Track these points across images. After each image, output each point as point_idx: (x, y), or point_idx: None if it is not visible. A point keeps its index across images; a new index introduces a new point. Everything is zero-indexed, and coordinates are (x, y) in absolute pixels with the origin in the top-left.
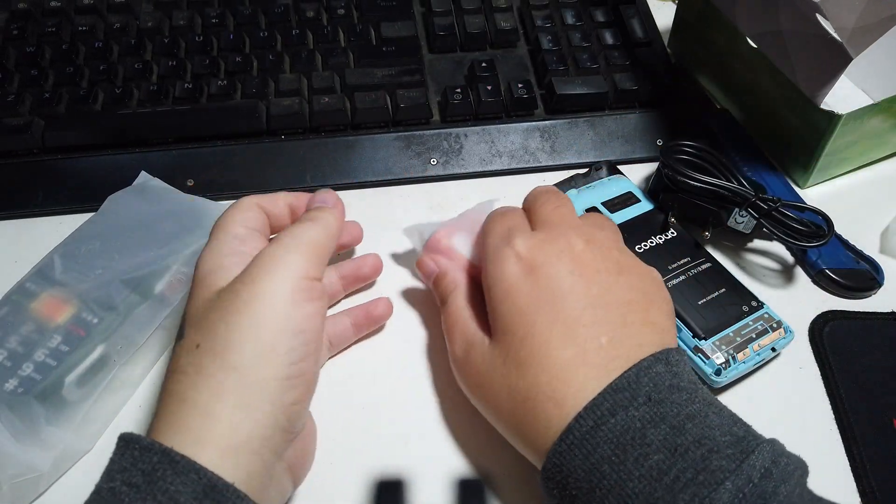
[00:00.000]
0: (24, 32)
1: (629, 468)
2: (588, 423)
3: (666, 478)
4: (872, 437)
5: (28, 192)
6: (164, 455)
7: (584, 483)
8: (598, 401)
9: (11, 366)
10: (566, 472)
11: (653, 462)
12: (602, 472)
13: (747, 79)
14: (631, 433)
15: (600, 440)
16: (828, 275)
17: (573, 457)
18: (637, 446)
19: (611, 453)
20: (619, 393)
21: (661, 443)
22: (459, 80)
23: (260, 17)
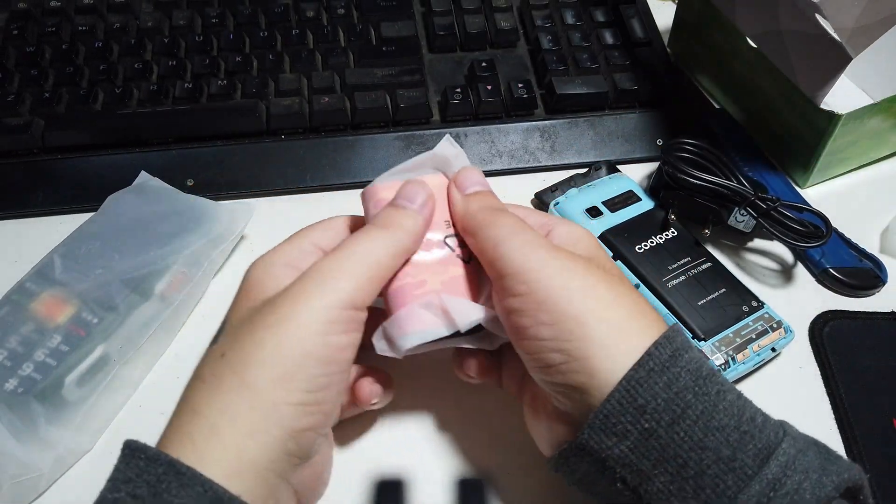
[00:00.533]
0: (24, 32)
1: (713, 400)
2: (667, 351)
3: (745, 414)
4: (872, 437)
5: (28, 192)
6: (170, 466)
7: (665, 414)
8: (671, 334)
9: (11, 365)
10: (643, 402)
11: (731, 398)
12: (687, 401)
13: (747, 79)
14: (706, 369)
15: (681, 370)
16: (831, 273)
17: (653, 384)
18: (714, 382)
19: (693, 384)
20: (681, 335)
21: (730, 385)
22: (459, 79)
23: (260, 16)
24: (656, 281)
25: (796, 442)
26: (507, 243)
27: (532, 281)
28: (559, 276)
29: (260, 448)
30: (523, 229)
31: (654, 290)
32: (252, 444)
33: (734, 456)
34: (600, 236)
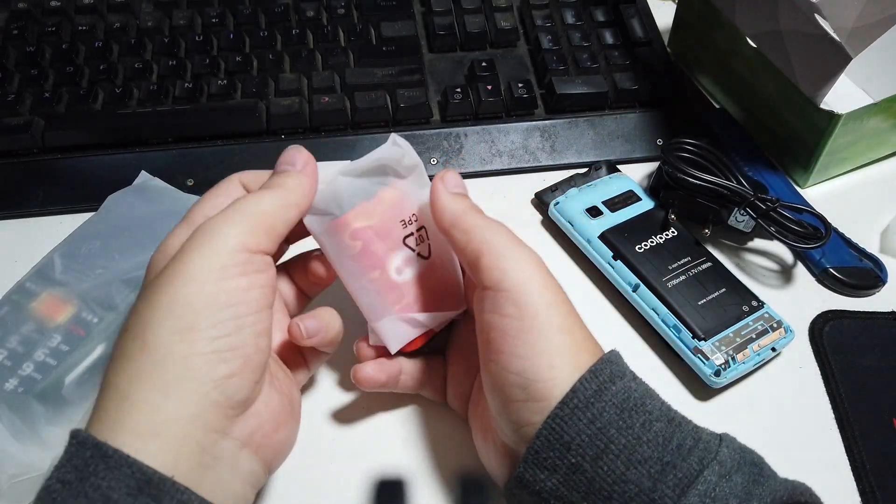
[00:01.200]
0: (24, 32)
1: (637, 433)
2: (592, 386)
3: (670, 444)
4: (873, 437)
5: (28, 192)
6: (97, 449)
7: (589, 449)
8: (599, 367)
9: (11, 365)
10: (568, 439)
11: (657, 428)
12: (609, 436)
13: (747, 79)
14: (633, 400)
15: (606, 404)
16: (831, 273)
17: (577, 420)
18: (641, 413)
19: (617, 418)
20: (613, 364)
21: (659, 412)
22: (459, 79)
23: (260, 16)
24: (656, 281)
25: (722, 467)
26: (510, 258)
27: (524, 305)
28: (548, 309)
29: (176, 403)
30: (520, 244)
31: (655, 289)
32: (166, 401)
33: (655, 487)
34: (600, 236)
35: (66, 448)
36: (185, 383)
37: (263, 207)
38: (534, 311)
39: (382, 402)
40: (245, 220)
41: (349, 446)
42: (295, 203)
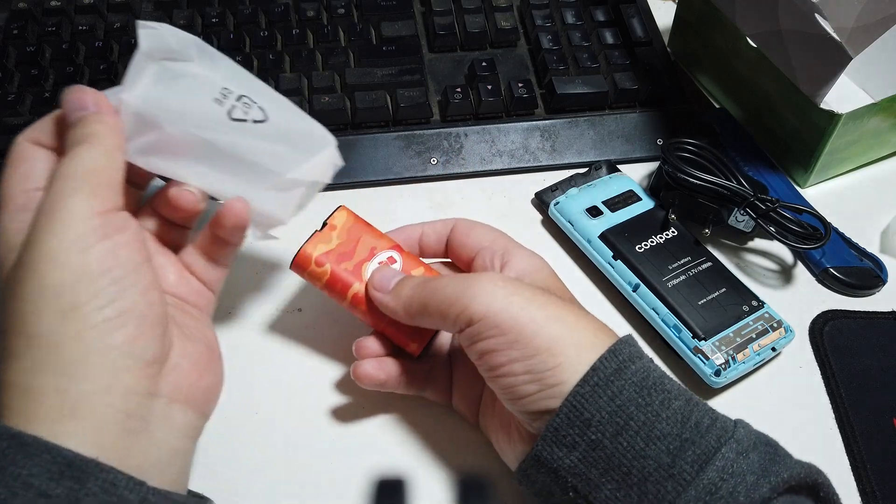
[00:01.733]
0: (24, 32)
1: (656, 409)
2: (612, 364)
3: (689, 421)
4: (873, 437)
5: None
6: (14, 439)
7: (609, 426)
8: (618, 347)
9: None
10: (588, 416)
11: (676, 406)
12: (629, 413)
13: (747, 78)
14: (652, 379)
15: (626, 382)
16: (832, 273)
17: (598, 398)
18: (660, 391)
19: (636, 395)
20: (631, 346)
21: (678, 391)
22: (459, 79)
23: (260, 16)
24: (656, 280)
25: (739, 444)
26: (469, 291)
27: (500, 323)
28: (524, 310)
29: (84, 381)
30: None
31: (655, 289)
32: (72, 382)
33: (674, 463)
34: (600, 236)
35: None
36: (88, 359)
37: (92, 165)
38: (512, 323)
39: (383, 403)
40: (83, 185)
41: (349, 446)
42: (116, 146)
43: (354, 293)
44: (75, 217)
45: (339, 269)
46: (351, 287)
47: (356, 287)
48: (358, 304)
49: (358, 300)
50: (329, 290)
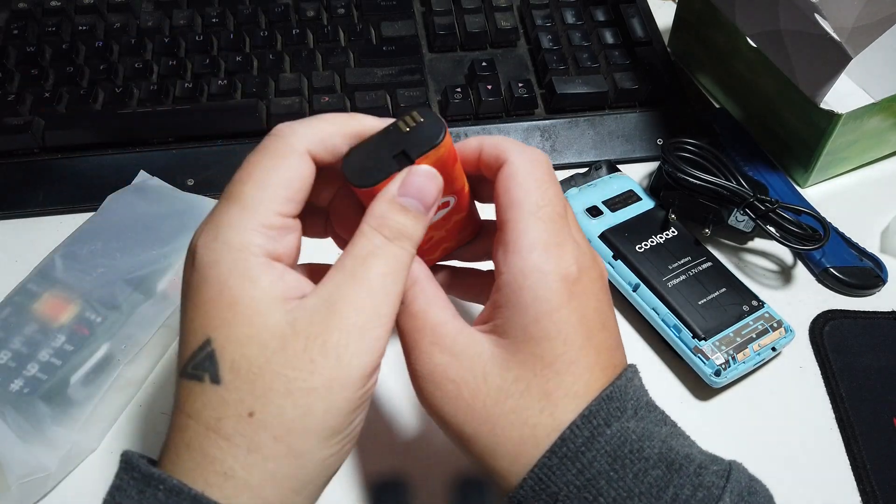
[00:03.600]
0: (24, 32)
1: (629, 485)
2: (584, 433)
3: (665, 495)
4: (873, 437)
5: (28, 192)
6: (195, 501)
7: (576, 501)
8: (594, 408)
9: (16, 366)
10: (555, 490)
11: (651, 478)
12: (599, 488)
13: (747, 78)
14: (628, 445)
15: (597, 453)
16: (832, 273)
17: (565, 471)
18: (636, 461)
19: (608, 468)
20: (611, 402)
21: (657, 457)
22: (460, 79)
23: (260, 16)
24: (656, 280)
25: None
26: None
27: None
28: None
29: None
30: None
31: (655, 289)
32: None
33: None
34: (600, 236)
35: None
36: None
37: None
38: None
39: (383, 403)
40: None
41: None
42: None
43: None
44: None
45: None
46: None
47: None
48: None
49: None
50: None
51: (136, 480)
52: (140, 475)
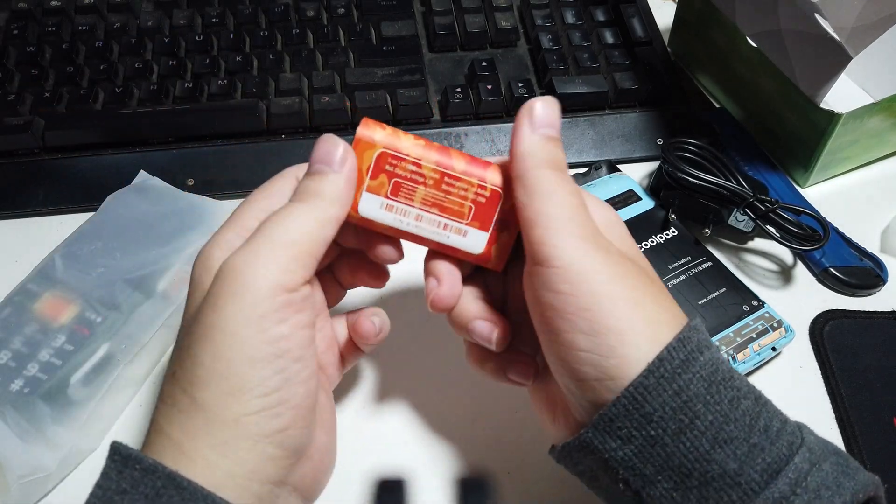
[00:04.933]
0: (24, 32)
1: (725, 410)
2: (680, 355)
3: (758, 424)
4: (873, 436)
5: (28, 192)
6: (169, 479)
7: (671, 422)
8: (687, 335)
9: (16, 366)
10: (650, 410)
11: (745, 406)
12: (696, 411)
13: (747, 78)
14: (721, 373)
15: (693, 375)
16: (832, 273)
17: (662, 391)
18: (729, 388)
19: (704, 391)
20: (699, 333)
21: (747, 388)
22: (460, 79)
23: (260, 16)
24: None
25: (812, 454)
26: (562, 233)
27: (579, 282)
28: (608, 283)
29: (233, 462)
30: (579, 215)
31: None
32: (223, 460)
33: (741, 470)
34: None
35: (123, 471)
36: (240, 442)
37: (296, 235)
38: (591, 288)
39: (383, 403)
40: (277, 254)
41: (349, 446)
42: (334, 217)
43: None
44: (260, 292)
45: None
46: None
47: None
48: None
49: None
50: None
51: (115, 463)
52: (120, 457)
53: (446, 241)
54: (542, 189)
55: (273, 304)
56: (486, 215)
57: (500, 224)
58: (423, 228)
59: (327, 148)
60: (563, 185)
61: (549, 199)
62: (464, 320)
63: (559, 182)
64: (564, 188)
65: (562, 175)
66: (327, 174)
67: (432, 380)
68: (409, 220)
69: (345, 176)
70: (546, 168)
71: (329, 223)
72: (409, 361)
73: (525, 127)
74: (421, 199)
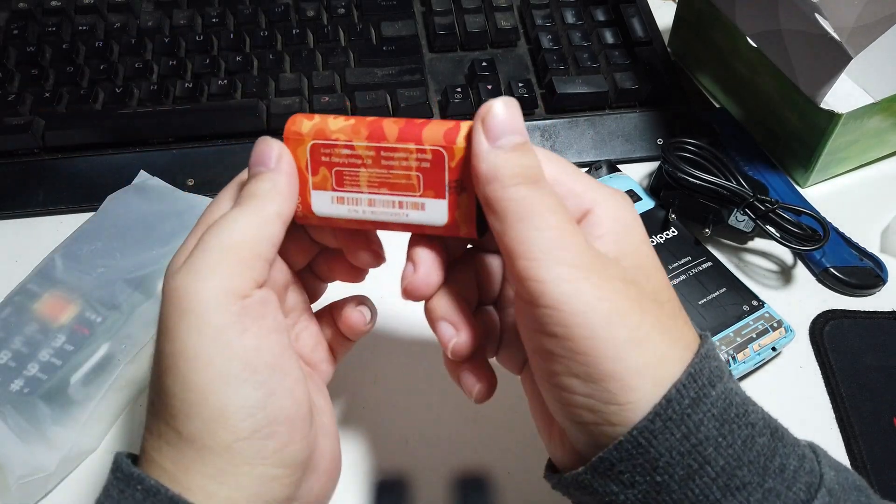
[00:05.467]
0: (24, 32)
1: (738, 452)
2: (690, 393)
3: (772, 465)
4: (873, 437)
5: (28, 192)
6: (172, 503)
7: (678, 468)
8: (700, 366)
9: (16, 366)
10: (655, 455)
11: (759, 446)
12: (706, 455)
13: (747, 78)
14: (734, 408)
15: (705, 415)
16: (832, 273)
17: (670, 435)
18: (743, 425)
19: (716, 433)
20: (712, 360)
21: (763, 423)
22: (460, 79)
23: (260, 16)
24: None
25: (832, 497)
26: (547, 263)
27: (573, 325)
28: (607, 325)
29: (232, 489)
30: (565, 236)
31: None
32: (221, 487)
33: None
34: None
35: (125, 490)
36: (238, 468)
37: (237, 236)
38: (587, 332)
39: (383, 401)
40: (218, 261)
41: (349, 446)
42: (274, 213)
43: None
44: (210, 305)
45: None
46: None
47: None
48: None
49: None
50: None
51: (118, 480)
52: (122, 475)
53: (406, 220)
54: (517, 213)
55: (227, 314)
56: (436, 181)
57: (456, 185)
58: (379, 213)
59: (261, 149)
60: (540, 202)
61: (528, 224)
62: (432, 316)
63: (535, 200)
64: (543, 205)
65: (536, 189)
66: (263, 174)
67: (432, 380)
68: (362, 207)
69: (282, 171)
70: (516, 186)
71: (271, 220)
72: (409, 361)
73: (482, 143)
74: (367, 183)
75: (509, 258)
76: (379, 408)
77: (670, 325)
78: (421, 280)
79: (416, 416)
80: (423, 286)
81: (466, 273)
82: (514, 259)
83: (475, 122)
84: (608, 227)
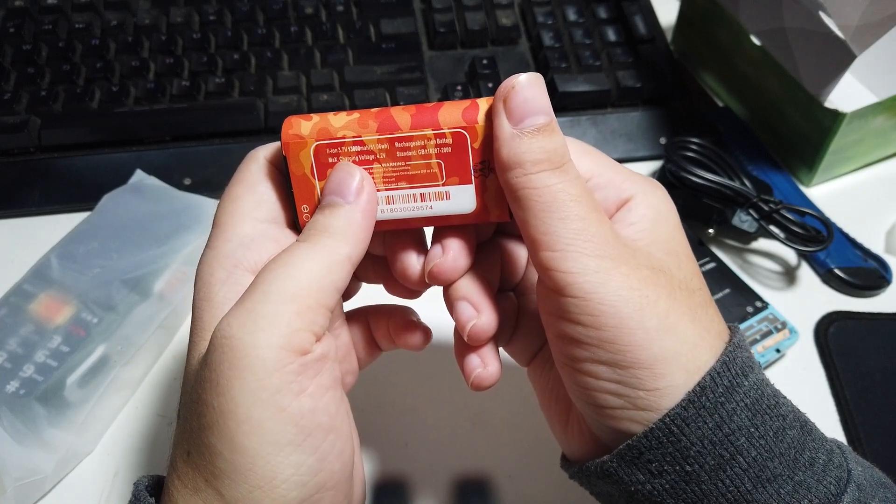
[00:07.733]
0: (20, 30)
1: (769, 444)
2: (724, 381)
3: (803, 457)
4: (877, 438)
5: (24, 192)
6: None
7: (709, 458)
8: (732, 355)
9: (12, 367)
10: (686, 444)
11: (790, 439)
12: (738, 446)
13: (751, 76)
14: (766, 399)
15: (737, 405)
16: (836, 273)
17: (702, 424)
18: (775, 416)
19: (748, 423)
20: (744, 351)
21: (793, 416)
22: (460, 77)
23: (258, 13)
24: None
25: (861, 492)
26: (574, 254)
27: (602, 314)
28: (638, 313)
29: None
30: (592, 225)
31: None
32: None
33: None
34: None
35: None
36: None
37: (304, 282)
38: (617, 321)
39: (383, 402)
40: (279, 313)
41: None
42: (345, 257)
43: None
44: (268, 365)
45: None
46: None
47: None
48: None
49: None
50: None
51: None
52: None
53: (431, 213)
54: (541, 202)
55: (285, 375)
56: (460, 166)
57: (481, 167)
58: (400, 209)
59: (340, 176)
60: (565, 189)
61: (552, 213)
62: (454, 296)
63: (560, 188)
64: (567, 194)
65: (562, 175)
66: (340, 206)
67: (432, 380)
68: (380, 207)
69: (360, 207)
70: (540, 173)
71: (340, 265)
72: (410, 361)
73: (503, 127)
74: (382, 179)
75: (533, 247)
76: (379, 411)
77: (700, 314)
78: (449, 264)
79: (417, 419)
80: (451, 270)
81: (492, 255)
82: (538, 249)
83: (496, 101)
84: (643, 214)
